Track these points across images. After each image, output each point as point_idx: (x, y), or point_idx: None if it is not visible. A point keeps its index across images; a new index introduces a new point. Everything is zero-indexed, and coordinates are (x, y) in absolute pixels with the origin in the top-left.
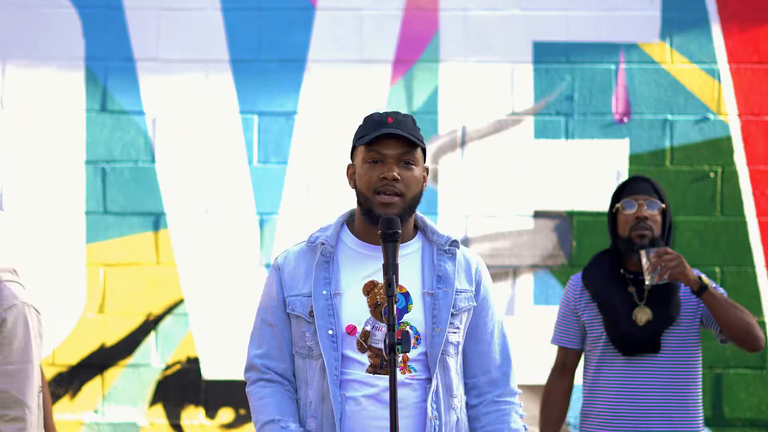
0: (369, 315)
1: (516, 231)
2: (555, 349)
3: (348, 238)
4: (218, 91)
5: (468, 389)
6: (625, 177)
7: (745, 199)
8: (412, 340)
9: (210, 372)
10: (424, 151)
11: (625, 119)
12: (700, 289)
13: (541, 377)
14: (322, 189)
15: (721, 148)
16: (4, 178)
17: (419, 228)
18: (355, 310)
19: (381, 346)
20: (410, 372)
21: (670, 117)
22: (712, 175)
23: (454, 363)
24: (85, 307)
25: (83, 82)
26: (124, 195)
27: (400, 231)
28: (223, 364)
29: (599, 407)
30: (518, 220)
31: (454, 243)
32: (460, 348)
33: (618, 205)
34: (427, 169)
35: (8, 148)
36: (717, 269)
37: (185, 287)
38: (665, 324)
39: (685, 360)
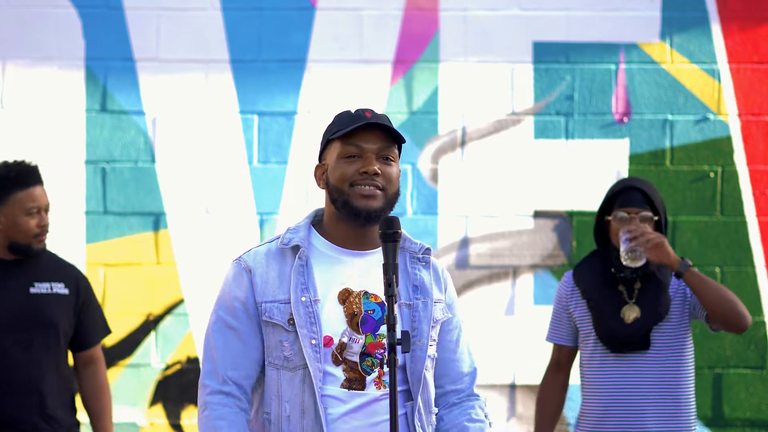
0: (345, 326)
1: (516, 231)
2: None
3: (318, 240)
4: (218, 91)
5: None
6: (625, 177)
7: (745, 199)
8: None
9: None
10: (400, 150)
11: (625, 119)
12: (682, 268)
13: (541, 377)
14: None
15: (721, 148)
16: None
17: None
18: (332, 321)
19: (356, 359)
20: (385, 387)
21: (670, 117)
22: (712, 175)
23: (430, 377)
24: None
25: (83, 82)
26: (124, 195)
27: (400, 231)
28: None
29: (592, 405)
30: (518, 220)
31: (428, 251)
32: (437, 361)
33: (609, 217)
34: (399, 171)
35: (8, 148)
36: (717, 269)
37: (185, 287)
38: (653, 321)
39: (675, 357)
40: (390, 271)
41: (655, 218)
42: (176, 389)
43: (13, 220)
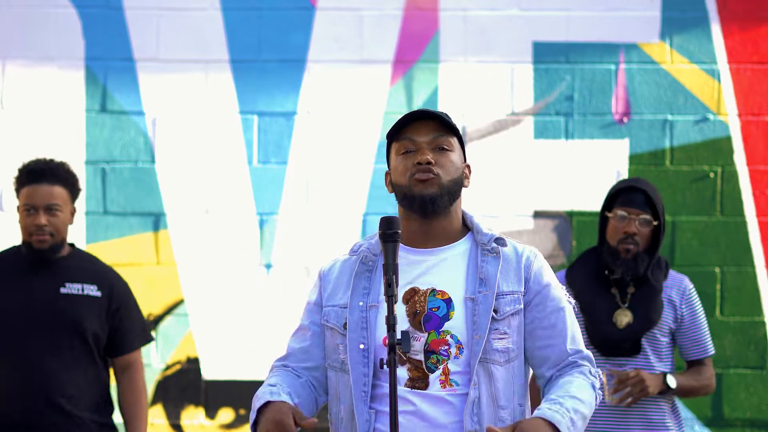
0: (407, 325)
1: (516, 231)
2: None
3: None
4: (218, 91)
5: (541, 383)
6: (625, 177)
7: (745, 199)
8: (454, 350)
9: (210, 372)
10: (461, 142)
11: (625, 119)
12: (667, 390)
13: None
14: (322, 189)
15: (721, 148)
16: (4, 178)
17: (469, 228)
18: None
19: (421, 357)
20: (451, 386)
21: (670, 117)
22: (712, 175)
23: (504, 372)
24: None
25: (83, 82)
26: (124, 195)
27: (399, 231)
28: (223, 364)
29: None
30: (518, 220)
31: (499, 240)
32: (516, 355)
33: (609, 214)
34: (468, 166)
35: (8, 148)
36: (717, 269)
37: (185, 287)
38: (645, 327)
39: (661, 362)
40: (390, 271)
41: (655, 223)
42: (176, 389)
43: (19, 217)
